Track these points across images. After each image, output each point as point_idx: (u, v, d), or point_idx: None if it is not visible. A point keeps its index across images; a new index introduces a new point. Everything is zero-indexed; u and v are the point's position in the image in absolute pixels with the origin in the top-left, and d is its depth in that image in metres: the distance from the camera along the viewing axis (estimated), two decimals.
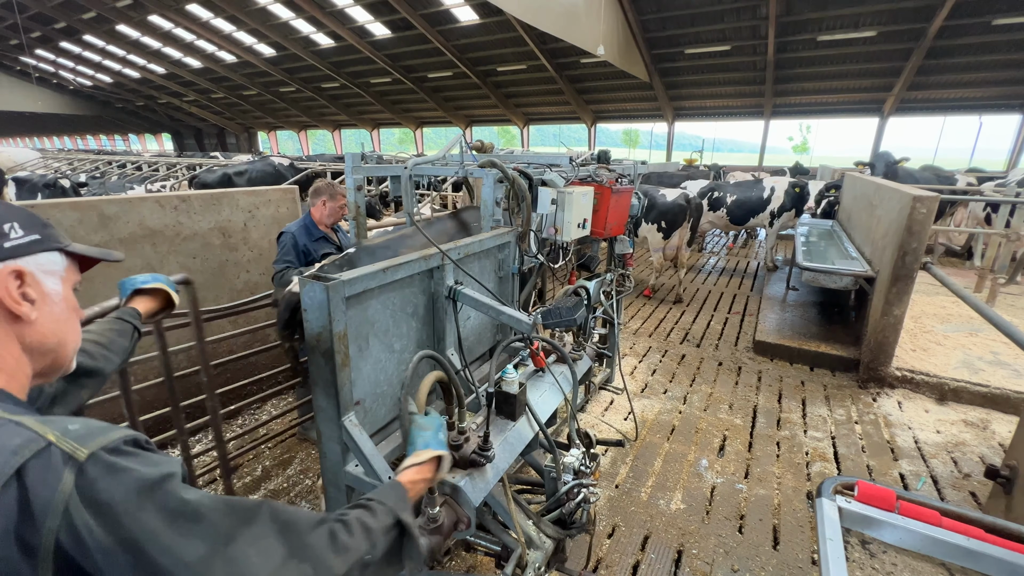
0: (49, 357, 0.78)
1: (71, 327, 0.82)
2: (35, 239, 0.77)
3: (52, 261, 0.80)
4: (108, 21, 20.96)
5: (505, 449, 1.47)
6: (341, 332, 1.41)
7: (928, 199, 3.77)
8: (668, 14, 14.46)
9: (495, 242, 2.09)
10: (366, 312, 1.59)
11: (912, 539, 1.45)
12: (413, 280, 1.74)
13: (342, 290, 1.39)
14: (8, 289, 0.71)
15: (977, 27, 12.50)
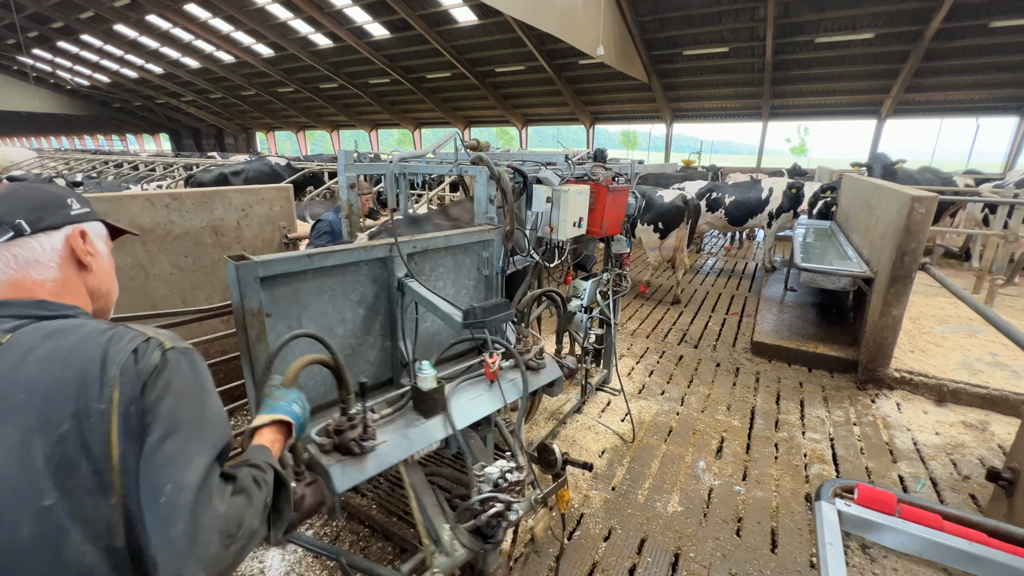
0: (101, 301, 1.04)
1: (114, 279, 1.09)
2: (88, 211, 1.03)
3: (99, 227, 1.06)
4: (106, 21, 20.91)
5: (400, 444, 1.47)
6: (254, 309, 1.50)
7: (927, 199, 3.75)
8: (666, 15, 14.47)
9: (472, 239, 2.03)
10: (296, 294, 1.67)
11: (913, 543, 1.42)
12: (359, 268, 1.79)
13: (254, 270, 1.49)
14: (79, 243, 0.98)
15: (975, 29, 12.53)
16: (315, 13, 17.23)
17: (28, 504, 0.73)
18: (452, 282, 2.00)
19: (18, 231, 0.89)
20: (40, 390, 0.76)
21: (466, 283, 2.08)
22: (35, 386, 0.76)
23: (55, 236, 0.95)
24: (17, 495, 0.73)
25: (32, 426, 0.74)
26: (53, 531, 0.74)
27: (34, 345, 0.80)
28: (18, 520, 0.72)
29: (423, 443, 1.50)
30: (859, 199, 5.76)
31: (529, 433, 3.52)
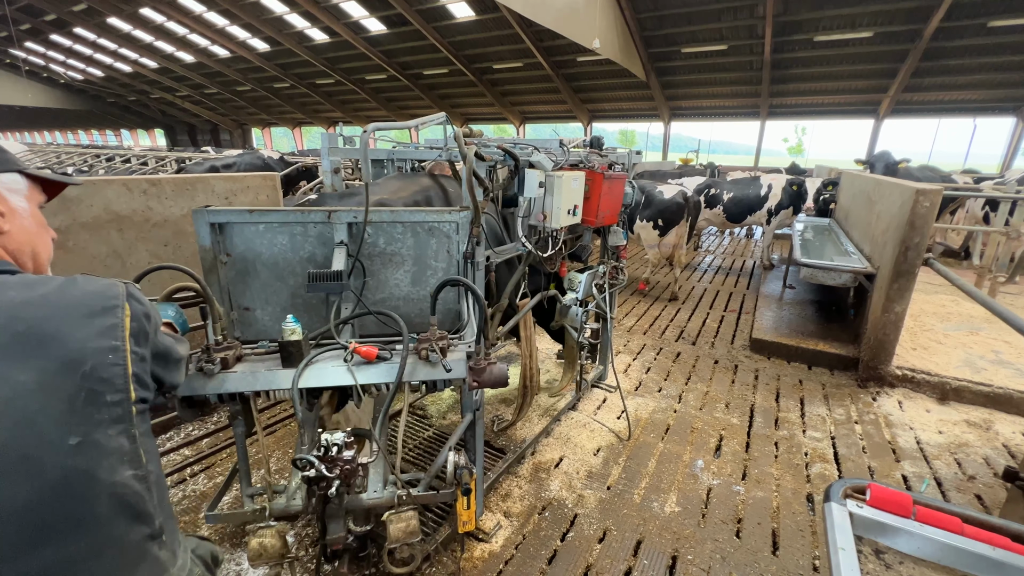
0: (29, 264, 0.96)
1: (42, 240, 0.99)
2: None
3: (14, 180, 0.94)
4: (99, 13, 20.65)
5: (244, 379, 1.60)
6: (206, 246, 1.87)
7: (931, 192, 3.65)
8: (665, 12, 14.37)
9: (431, 218, 1.95)
10: (249, 244, 1.94)
11: (931, 548, 1.31)
12: (307, 229, 1.95)
13: (206, 216, 1.84)
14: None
15: (973, 29, 12.49)
16: (311, 7, 17.05)
17: (55, 445, 0.75)
18: (412, 260, 1.99)
19: None
20: (48, 333, 0.77)
21: (432, 264, 2.02)
22: (41, 329, 0.77)
23: None
24: (44, 437, 0.74)
25: (50, 369, 0.76)
26: (85, 465, 0.77)
27: (11, 292, 0.79)
28: (46, 462, 0.74)
29: (266, 385, 1.60)
30: (860, 195, 5.67)
31: (522, 430, 3.41)
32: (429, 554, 2.27)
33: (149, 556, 0.88)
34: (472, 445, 2.35)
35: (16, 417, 0.72)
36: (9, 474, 0.72)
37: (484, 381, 1.67)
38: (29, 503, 0.73)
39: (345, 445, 1.51)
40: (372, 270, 2.04)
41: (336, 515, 1.67)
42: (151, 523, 0.87)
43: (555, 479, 3.01)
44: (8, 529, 0.71)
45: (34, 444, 0.73)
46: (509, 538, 2.54)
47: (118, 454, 0.82)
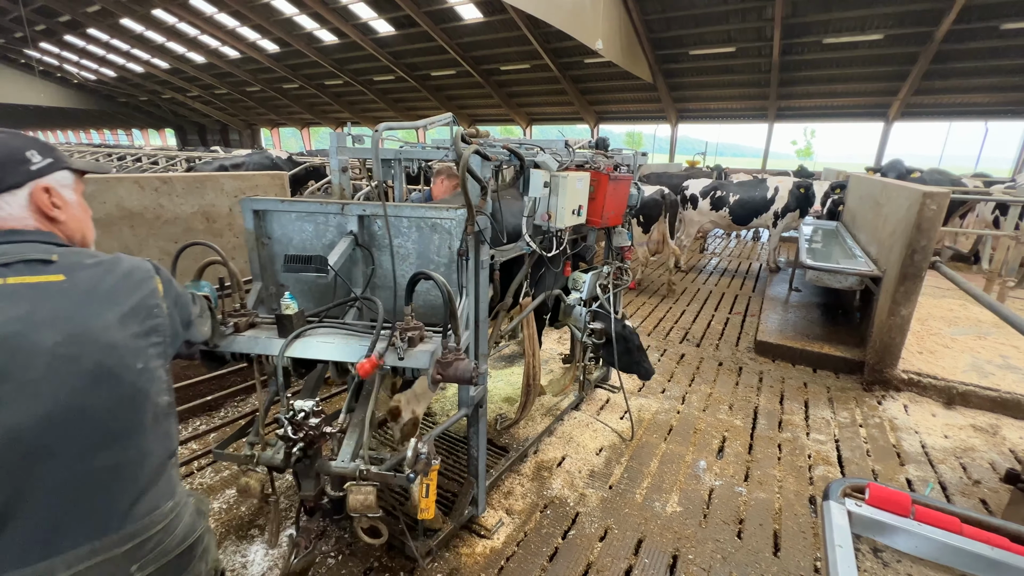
0: (81, 244, 1.15)
1: (87, 224, 1.18)
2: (50, 162, 1.08)
3: (65, 177, 1.11)
4: (112, 15, 20.94)
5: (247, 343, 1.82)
6: (250, 229, 2.18)
7: (939, 195, 3.64)
8: (673, 14, 14.36)
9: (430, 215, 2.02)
10: (284, 230, 2.21)
11: (929, 547, 1.32)
12: (328, 219, 2.15)
13: (250, 204, 2.16)
14: (42, 201, 1.05)
15: (985, 31, 12.37)
16: (320, 9, 17.19)
17: (131, 367, 1.01)
18: (416, 254, 2.11)
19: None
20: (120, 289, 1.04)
21: (435, 259, 2.09)
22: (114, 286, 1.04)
23: (20, 195, 1.02)
24: (124, 360, 1.00)
25: (125, 312, 1.03)
26: (144, 386, 1.03)
27: (86, 260, 1.03)
28: (125, 379, 1.00)
29: (261, 350, 1.81)
30: (867, 198, 5.64)
31: (524, 429, 3.43)
32: (432, 549, 2.30)
33: (167, 471, 1.09)
34: (476, 441, 2.38)
35: (107, 342, 0.97)
36: (103, 383, 0.96)
37: (448, 376, 1.71)
38: (109, 409, 0.97)
39: (312, 413, 1.67)
40: (380, 261, 2.13)
41: (307, 474, 1.83)
42: (172, 443, 1.12)
43: (557, 478, 3.03)
44: (87, 432, 0.94)
45: (117, 364, 0.98)
46: (511, 535, 2.56)
47: (160, 382, 1.08)
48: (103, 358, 0.96)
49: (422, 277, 1.70)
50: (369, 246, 2.14)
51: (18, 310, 0.92)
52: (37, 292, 0.94)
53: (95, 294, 1.00)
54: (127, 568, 0.99)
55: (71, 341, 0.93)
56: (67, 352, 0.93)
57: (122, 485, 0.99)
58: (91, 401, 0.94)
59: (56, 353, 0.92)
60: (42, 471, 0.90)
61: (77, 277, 0.99)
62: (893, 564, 1.34)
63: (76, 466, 0.92)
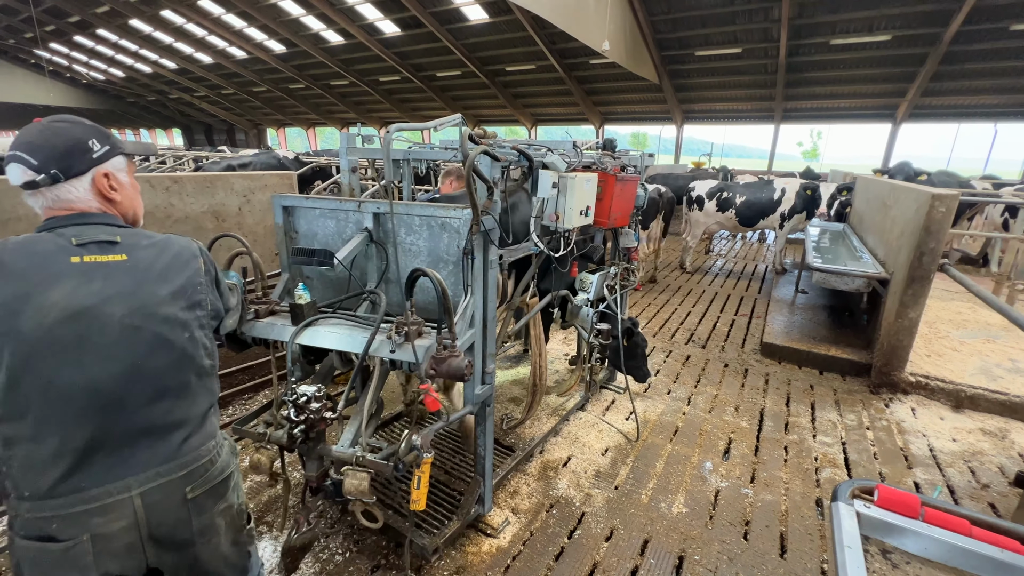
0: (132, 221, 1.30)
1: (138, 202, 1.34)
2: (108, 148, 1.21)
3: (120, 162, 1.25)
4: (121, 16, 21.11)
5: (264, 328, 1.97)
6: (279, 224, 2.35)
7: (948, 197, 3.62)
8: (679, 15, 14.34)
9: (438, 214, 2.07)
10: (309, 225, 2.37)
11: (939, 549, 1.32)
12: (348, 216, 2.26)
13: (280, 200, 2.34)
14: (103, 185, 1.20)
15: (994, 32, 12.29)
16: (327, 9, 17.27)
17: (181, 336, 1.22)
18: (427, 251, 2.17)
19: (55, 179, 1.13)
20: (171, 268, 1.23)
21: (444, 257, 2.13)
22: (166, 265, 1.23)
23: (84, 179, 1.17)
24: (175, 330, 1.21)
25: (175, 289, 1.22)
26: (191, 351, 1.25)
27: (143, 242, 1.21)
28: (177, 345, 1.21)
29: (276, 336, 1.94)
30: (874, 200, 5.61)
31: (530, 429, 3.44)
32: (439, 547, 2.31)
33: (210, 419, 1.33)
34: (483, 440, 2.39)
35: (163, 316, 1.18)
36: (160, 349, 1.18)
37: (441, 372, 1.74)
38: (165, 368, 1.19)
39: (314, 398, 1.77)
40: (393, 257, 2.20)
41: (310, 455, 1.93)
42: (214, 396, 1.34)
43: (563, 478, 3.04)
44: (150, 386, 1.17)
45: (171, 332, 1.20)
46: (517, 534, 2.57)
47: (204, 347, 1.29)
48: (160, 328, 1.17)
49: (420, 274, 1.73)
50: (383, 243, 2.22)
51: (93, 286, 1.11)
52: (107, 270, 1.14)
53: (151, 272, 1.19)
54: (183, 488, 1.23)
55: (134, 313, 1.14)
56: (132, 323, 1.14)
57: (177, 426, 1.22)
58: (152, 363, 1.16)
59: (124, 323, 1.13)
60: (117, 415, 1.13)
61: (136, 256, 1.18)
62: (902, 566, 1.35)
63: (142, 412, 1.16)
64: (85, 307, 1.09)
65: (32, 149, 1.12)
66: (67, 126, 1.17)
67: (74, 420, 1.10)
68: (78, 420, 1.10)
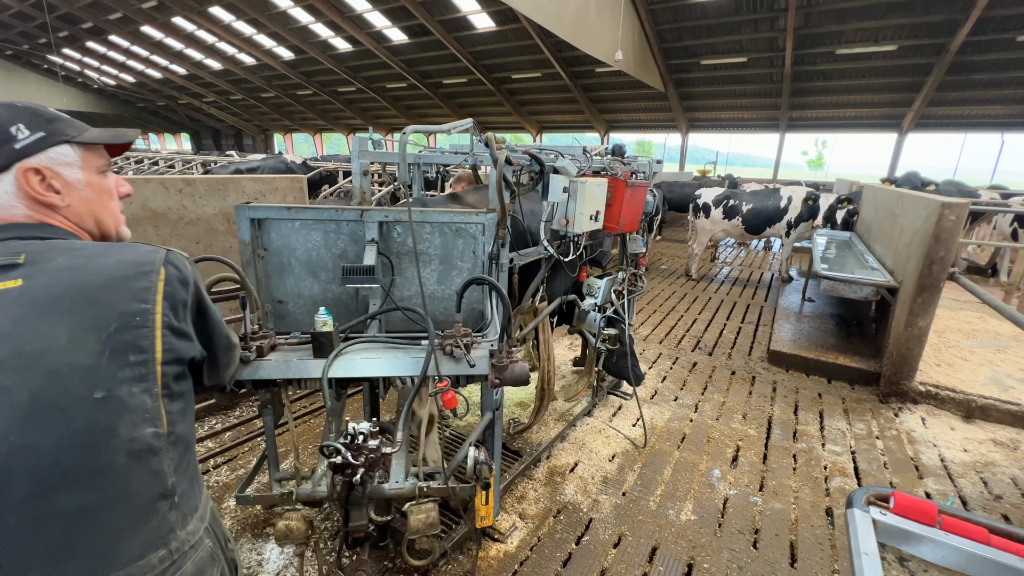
0: (93, 233, 0.99)
1: (102, 207, 0.99)
2: (40, 136, 0.90)
3: (64, 153, 0.92)
4: (133, 22, 21.44)
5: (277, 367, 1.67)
6: (245, 240, 1.97)
7: (958, 205, 3.61)
8: (685, 24, 14.43)
9: (458, 219, 2.00)
10: (286, 238, 2.05)
11: (957, 557, 1.30)
12: (340, 227, 2.04)
13: (247, 212, 1.95)
14: (32, 185, 0.88)
15: (1001, 43, 12.31)
16: (336, 17, 17.48)
17: (82, 397, 0.79)
18: (439, 259, 2.06)
19: None
20: (83, 295, 0.82)
21: (458, 264, 2.07)
22: (77, 291, 0.82)
23: (5, 179, 0.87)
24: (71, 389, 0.79)
25: (82, 326, 0.81)
26: (107, 419, 0.81)
27: (57, 260, 0.84)
28: (73, 412, 0.79)
29: (297, 374, 1.66)
30: (882, 209, 5.60)
31: (537, 434, 3.43)
32: (447, 551, 2.30)
33: (157, 515, 0.88)
34: (491, 445, 2.38)
35: (47, 368, 0.77)
36: (39, 420, 0.76)
37: (506, 379, 1.70)
38: (55, 448, 0.77)
39: (370, 435, 1.55)
40: (400, 268, 2.09)
41: (359, 503, 1.69)
42: (164, 482, 0.88)
43: (570, 483, 3.02)
44: (36, 471, 0.76)
45: (62, 394, 0.78)
46: (524, 539, 2.56)
47: (139, 411, 0.84)
48: (41, 387, 0.77)
49: (475, 282, 1.69)
50: (388, 253, 2.07)
51: None
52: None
53: (46, 304, 0.80)
54: None
55: (3, 368, 0.76)
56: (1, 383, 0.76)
57: (89, 532, 0.80)
58: (30, 439, 0.76)
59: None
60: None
61: (34, 282, 0.81)
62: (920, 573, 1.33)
63: (29, 508, 0.76)
64: None
65: None
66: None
67: None
68: None
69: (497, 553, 2.46)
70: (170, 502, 0.90)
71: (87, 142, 0.96)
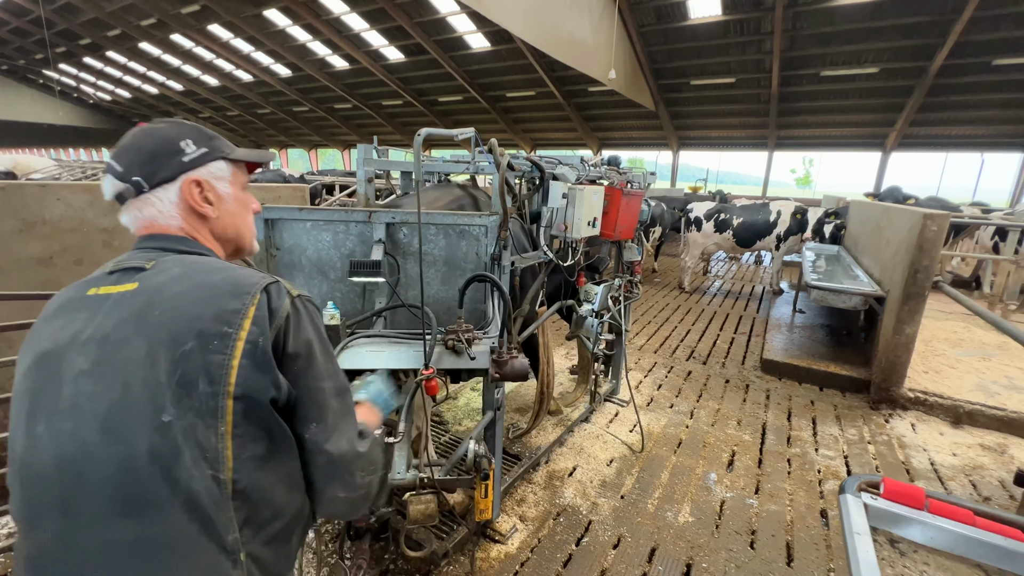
0: (232, 244, 1.04)
1: (243, 220, 1.05)
2: (204, 152, 0.97)
3: (220, 168, 0.99)
4: (132, 39, 21.64)
5: None
6: (259, 239, 1.91)
7: (939, 216, 3.76)
8: (675, 46, 14.85)
9: (461, 221, 2.08)
10: (297, 238, 2.12)
11: (945, 538, 1.36)
12: (348, 227, 2.12)
13: (261, 213, 1.95)
14: (192, 195, 0.94)
15: (978, 67, 12.78)
16: (333, 36, 17.79)
17: (148, 417, 0.75)
18: (443, 260, 2.14)
19: (138, 188, 0.90)
20: (171, 309, 0.80)
21: (462, 265, 2.14)
22: (168, 305, 0.80)
23: (171, 188, 0.93)
24: (139, 407, 0.75)
25: (160, 341, 0.77)
26: (168, 448, 0.75)
27: (173, 270, 0.85)
28: (138, 432, 0.75)
29: None
30: (869, 222, 5.77)
31: (536, 438, 3.46)
32: (448, 551, 2.31)
33: (219, 572, 0.79)
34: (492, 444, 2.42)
35: (124, 379, 0.76)
36: (111, 435, 0.75)
37: (506, 373, 1.75)
38: (120, 469, 0.74)
39: None
40: (405, 268, 2.16)
41: None
42: (222, 537, 0.78)
43: (569, 487, 3.05)
44: (105, 490, 0.74)
45: (131, 411, 0.75)
46: (525, 541, 2.58)
47: (200, 448, 0.77)
48: (117, 398, 0.75)
49: (477, 279, 1.76)
50: (394, 253, 2.16)
51: (74, 326, 0.80)
52: (105, 304, 0.82)
53: (140, 312, 0.80)
54: None
55: (93, 372, 0.77)
56: (87, 388, 0.76)
57: (144, 571, 0.75)
58: (104, 454, 0.74)
59: (79, 387, 0.76)
60: (62, 529, 0.75)
61: (143, 288, 0.83)
62: (910, 554, 1.39)
63: (93, 530, 0.74)
64: (44, 352, 0.80)
65: (119, 153, 0.92)
66: (162, 126, 0.95)
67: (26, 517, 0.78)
68: (29, 518, 0.78)
69: (498, 554, 2.48)
70: (234, 559, 0.80)
71: (237, 159, 1.02)
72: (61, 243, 2.63)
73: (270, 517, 0.85)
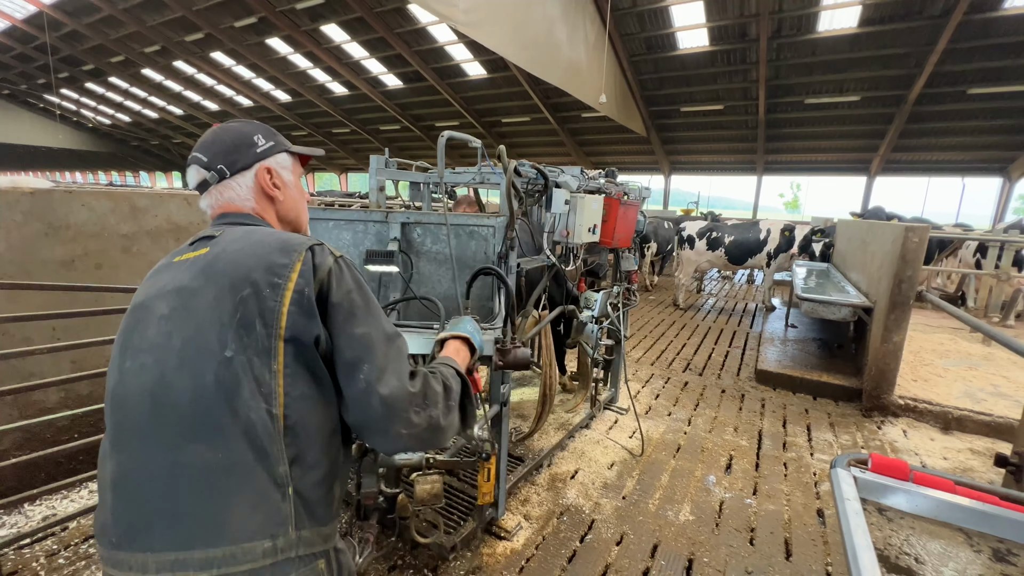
0: (291, 226, 1.20)
1: (302, 206, 1.22)
2: (272, 144, 1.15)
3: (284, 159, 1.17)
4: (135, 65, 22.11)
5: None
6: None
7: (920, 228, 3.95)
8: (665, 74, 15.43)
9: (470, 222, 2.22)
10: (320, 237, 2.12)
11: (928, 505, 1.47)
12: (367, 227, 2.29)
13: None
14: (265, 180, 1.12)
15: (953, 95, 13.36)
16: (334, 63, 18.30)
17: (215, 352, 0.87)
18: (454, 259, 2.26)
19: (221, 175, 1.08)
20: (232, 262, 0.94)
21: (471, 264, 2.25)
22: (230, 259, 0.94)
23: (248, 175, 1.10)
24: (208, 343, 0.88)
25: (224, 287, 0.91)
26: (230, 380, 0.86)
27: (237, 233, 1.01)
28: (206, 365, 0.87)
29: None
30: (855, 239, 5.99)
31: (539, 441, 3.52)
32: (456, 545, 2.36)
33: (269, 502, 0.86)
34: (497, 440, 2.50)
35: (197, 320, 0.89)
36: (185, 367, 0.87)
37: (509, 362, 1.86)
38: (192, 399, 0.85)
39: None
40: (418, 266, 2.30)
41: (371, 470, 1.77)
42: (274, 467, 0.87)
43: (571, 488, 3.11)
44: (178, 416, 0.85)
45: (202, 346, 0.88)
46: (530, 538, 2.63)
47: (257, 383, 0.87)
48: (190, 336, 0.89)
49: (483, 273, 1.88)
50: (407, 251, 2.33)
51: (159, 283, 0.97)
52: (182, 266, 0.97)
53: (208, 266, 0.94)
54: None
55: (171, 315, 0.91)
56: (166, 328, 0.90)
57: (208, 494, 0.84)
58: (179, 382, 0.86)
59: (160, 328, 0.91)
60: (139, 450, 0.87)
61: (213, 251, 0.97)
62: (897, 520, 1.49)
63: (167, 454, 0.85)
64: (137, 303, 0.97)
65: (203, 147, 1.09)
66: (236, 124, 1.14)
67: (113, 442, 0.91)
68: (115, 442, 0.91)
69: (504, 550, 2.52)
70: (283, 492, 0.88)
71: (295, 152, 1.20)
72: (83, 247, 2.74)
73: (315, 460, 0.93)
